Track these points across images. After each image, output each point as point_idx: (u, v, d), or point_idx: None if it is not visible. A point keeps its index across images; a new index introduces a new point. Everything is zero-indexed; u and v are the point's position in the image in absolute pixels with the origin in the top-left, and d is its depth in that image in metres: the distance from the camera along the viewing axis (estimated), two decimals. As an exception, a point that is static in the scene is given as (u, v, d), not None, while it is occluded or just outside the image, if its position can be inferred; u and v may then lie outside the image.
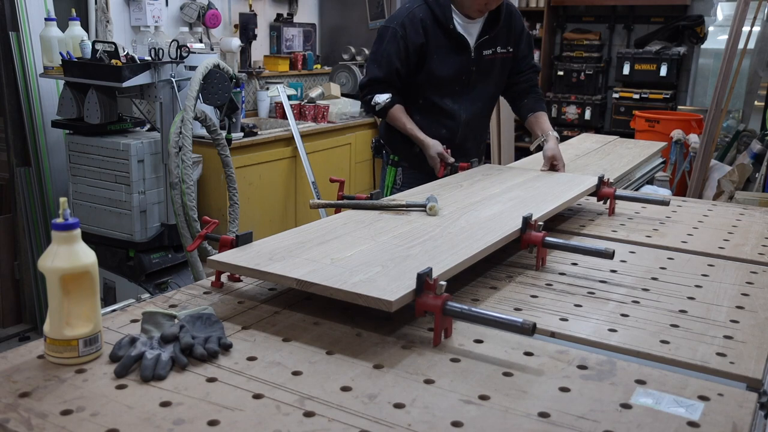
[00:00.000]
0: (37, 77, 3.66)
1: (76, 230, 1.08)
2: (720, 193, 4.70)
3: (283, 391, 1.04)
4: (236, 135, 3.93)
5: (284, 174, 4.47)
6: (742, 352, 1.22)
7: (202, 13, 4.49)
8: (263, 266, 1.33)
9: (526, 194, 2.03)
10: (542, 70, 7.28)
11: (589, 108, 7.14)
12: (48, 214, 3.79)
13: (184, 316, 1.21)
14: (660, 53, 6.61)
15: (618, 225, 2.06)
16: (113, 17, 4.08)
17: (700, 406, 1.03)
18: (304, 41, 5.53)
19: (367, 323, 1.29)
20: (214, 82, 3.28)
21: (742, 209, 2.31)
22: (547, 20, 7.15)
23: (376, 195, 1.96)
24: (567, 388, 1.08)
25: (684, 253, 1.81)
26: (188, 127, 3.18)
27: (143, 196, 3.37)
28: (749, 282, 1.60)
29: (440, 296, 1.21)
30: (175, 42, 3.36)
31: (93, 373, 1.07)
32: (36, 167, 3.74)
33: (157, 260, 3.47)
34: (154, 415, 0.96)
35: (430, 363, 1.15)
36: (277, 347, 1.19)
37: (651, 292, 1.51)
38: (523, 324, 1.15)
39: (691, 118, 5.93)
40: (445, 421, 0.97)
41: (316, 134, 4.71)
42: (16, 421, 0.94)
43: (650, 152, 3.17)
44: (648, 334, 1.29)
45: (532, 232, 1.64)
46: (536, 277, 1.61)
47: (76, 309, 1.09)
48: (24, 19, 3.63)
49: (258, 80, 5.11)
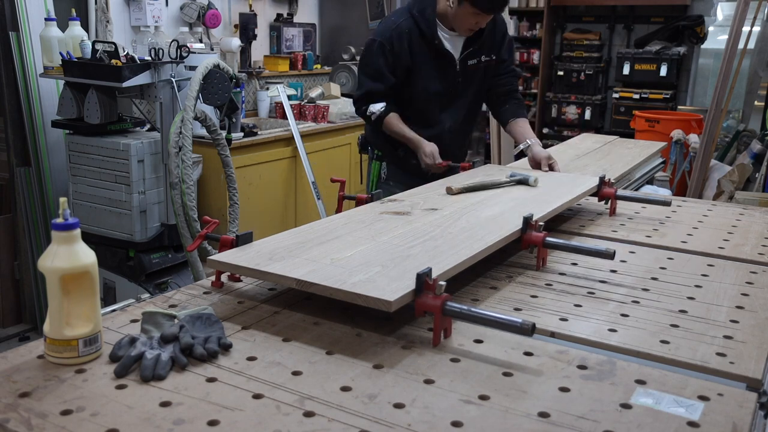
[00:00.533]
0: (37, 77, 3.66)
1: (76, 230, 1.08)
2: (720, 193, 4.70)
3: (283, 391, 1.04)
4: (236, 135, 3.93)
5: (284, 174, 4.47)
6: (742, 352, 1.22)
7: (202, 13, 4.49)
8: (263, 266, 1.33)
9: (526, 194, 2.03)
10: (542, 70, 7.29)
11: (589, 108, 7.14)
12: (48, 214, 3.79)
13: (184, 316, 1.21)
14: (660, 53, 6.61)
15: (618, 225, 2.06)
16: (113, 17, 4.07)
17: (700, 406, 1.03)
18: (304, 41, 5.53)
19: (367, 323, 1.29)
20: (214, 82, 3.28)
21: (742, 209, 2.31)
22: (547, 20, 7.15)
23: (377, 195, 1.96)
24: (567, 388, 1.08)
25: (684, 253, 1.81)
26: (188, 127, 3.18)
27: (143, 196, 3.37)
28: (749, 282, 1.60)
29: (440, 296, 1.21)
30: (175, 42, 3.36)
31: (93, 373, 1.07)
32: (36, 167, 3.74)
33: (157, 260, 3.47)
34: (154, 415, 0.96)
35: (430, 363, 1.15)
36: (277, 347, 1.19)
37: (651, 292, 1.51)
38: (522, 324, 1.15)
39: (691, 118, 5.94)
40: (445, 421, 0.97)
41: (316, 134, 4.71)
42: (16, 421, 0.94)
43: (650, 152, 3.17)
44: (648, 334, 1.29)
45: (532, 233, 1.64)
46: (536, 277, 1.61)
47: (76, 309, 1.09)
48: (24, 19, 3.63)
49: (258, 80, 5.11)
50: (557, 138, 6.83)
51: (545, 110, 7.42)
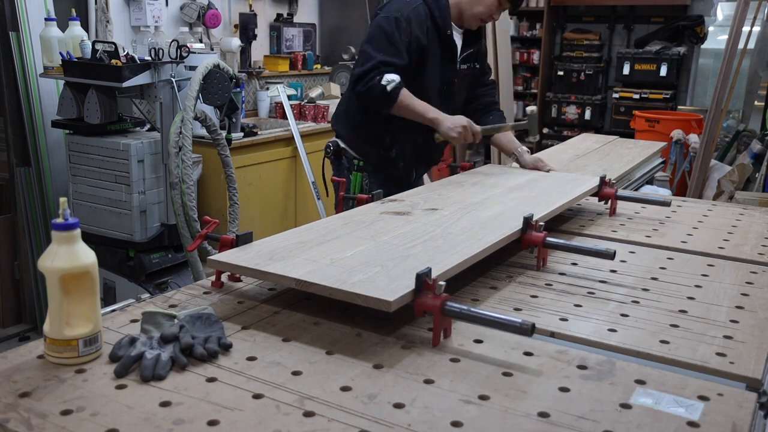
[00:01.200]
0: (37, 77, 3.66)
1: (76, 230, 1.08)
2: (720, 193, 4.70)
3: (283, 391, 1.04)
4: (236, 135, 3.93)
5: (284, 174, 4.47)
6: (741, 352, 1.22)
7: (202, 13, 4.49)
8: (263, 266, 1.33)
9: (527, 194, 2.03)
10: (542, 70, 7.29)
11: (589, 108, 7.14)
12: (48, 214, 3.79)
13: (184, 316, 1.21)
14: (660, 53, 6.61)
15: (618, 225, 2.06)
16: (113, 17, 4.07)
17: (699, 406, 1.03)
18: (304, 41, 5.53)
19: (367, 323, 1.29)
20: (214, 82, 3.28)
21: (742, 209, 2.31)
22: (547, 20, 7.16)
23: (377, 195, 1.96)
24: (567, 388, 1.08)
25: (684, 253, 1.81)
26: (188, 127, 3.18)
27: (143, 196, 3.37)
28: (749, 282, 1.60)
29: (439, 296, 1.21)
30: (175, 42, 3.37)
31: (93, 373, 1.07)
32: (36, 167, 3.74)
33: (157, 260, 3.47)
34: (154, 415, 0.96)
35: (430, 363, 1.15)
36: (277, 347, 1.19)
37: (651, 292, 1.51)
38: (522, 324, 1.15)
39: (691, 118, 5.94)
40: (445, 421, 0.97)
41: (316, 134, 4.71)
42: (16, 421, 0.94)
43: (650, 152, 3.17)
44: (648, 334, 1.29)
45: (533, 233, 1.64)
46: (536, 277, 1.61)
47: (76, 309, 1.09)
48: (24, 19, 3.63)
49: (258, 80, 5.11)
50: (557, 138, 6.83)
51: (545, 110, 7.42)
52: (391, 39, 2.34)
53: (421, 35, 2.38)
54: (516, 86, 7.23)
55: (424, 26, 2.39)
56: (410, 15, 2.37)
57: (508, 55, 6.21)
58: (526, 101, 7.60)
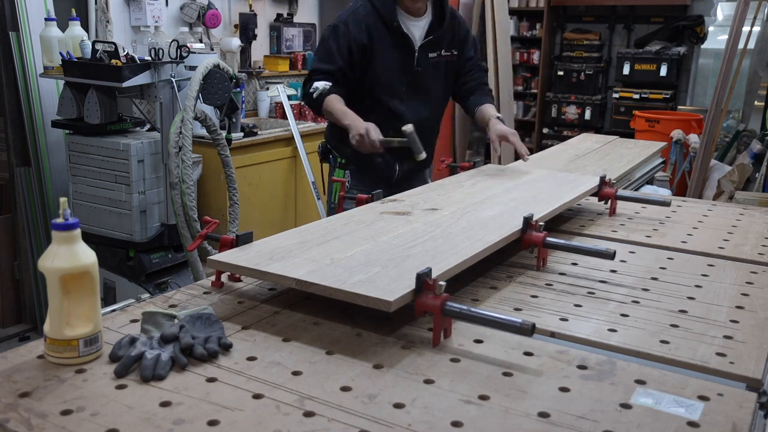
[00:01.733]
0: (37, 77, 3.66)
1: (76, 230, 1.08)
2: (720, 193, 4.70)
3: (283, 391, 1.04)
4: (236, 135, 3.94)
5: (284, 174, 4.47)
6: (742, 352, 1.22)
7: (202, 13, 4.49)
8: (263, 266, 1.33)
9: (527, 194, 2.02)
10: (542, 70, 7.29)
11: (589, 108, 7.14)
12: (48, 214, 3.79)
13: (184, 316, 1.21)
14: (660, 53, 6.61)
15: (618, 225, 2.06)
16: (113, 17, 4.08)
17: (699, 406, 1.03)
18: (304, 41, 5.53)
19: (367, 323, 1.29)
20: (214, 82, 3.29)
21: (742, 209, 2.31)
22: (547, 20, 7.16)
23: (377, 195, 1.96)
24: (567, 388, 1.08)
25: (684, 253, 1.81)
26: (188, 127, 3.18)
27: (143, 196, 3.37)
28: (749, 282, 1.60)
29: (440, 296, 1.21)
30: (175, 42, 3.37)
31: (93, 373, 1.07)
32: (36, 167, 3.75)
33: (157, 260, 3.47)
34: (154, 415, 0.96)
35: (430, 363, 1.15)
36: (277, 347, 1.19)
37: (651, 292, 1.51)
38: (522, 324, 1.15)
39: (691, 118, 5.94)
40: (445, 421, 0.97)
41: (316, 134, 4.71)
42: (16, 421, 0.94)
43: (650, 152, 3.17)
44: (648, 334, 1.29)
45: (533, 233, 1.64)
46: (536, 277, 1.61)
47: (76, 309, 1.09)
48: (24, 19, 3.63)
49: (258, 80, 5.11)
50: (557, 138, 6.83)
51: (545, 110, 7.42)
52: (326, 46, 2.48)
53: (359, 35, 2.45)
54: (516, 86, 7.23)
55: (362, 24, 2.46)
56: (348, 18, 2.47)
57: (508, 55, 6.21)
58: (527, 101, 7.61)
